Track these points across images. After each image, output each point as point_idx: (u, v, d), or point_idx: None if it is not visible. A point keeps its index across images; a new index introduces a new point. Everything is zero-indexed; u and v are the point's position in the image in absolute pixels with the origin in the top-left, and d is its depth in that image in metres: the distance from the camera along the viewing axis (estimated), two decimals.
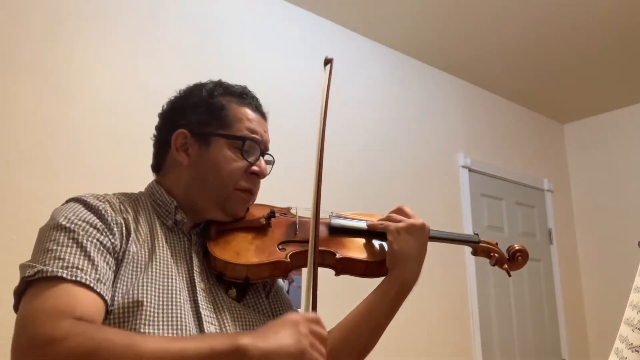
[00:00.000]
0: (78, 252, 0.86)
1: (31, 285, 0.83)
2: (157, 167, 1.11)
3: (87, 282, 0.84)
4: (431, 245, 1.14)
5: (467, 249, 3.96)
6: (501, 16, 3.10)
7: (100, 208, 0.94)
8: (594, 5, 3.02)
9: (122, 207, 0.98)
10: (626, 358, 0.71)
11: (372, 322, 1.07)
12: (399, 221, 1.11)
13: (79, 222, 0.90)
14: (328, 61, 1.14)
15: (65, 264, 0.84)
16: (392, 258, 1.08)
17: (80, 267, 0.85)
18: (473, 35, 3.28)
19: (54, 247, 0.86)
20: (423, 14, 3.07)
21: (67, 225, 0.89)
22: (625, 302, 0.77)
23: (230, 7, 2.72)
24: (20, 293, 0.85)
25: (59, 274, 0.83)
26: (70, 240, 0.87)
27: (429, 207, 3.29)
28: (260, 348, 0.78)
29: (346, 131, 3.04)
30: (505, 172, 3.90)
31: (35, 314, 0.80)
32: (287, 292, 2.16)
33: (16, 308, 0.85)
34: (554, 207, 4.19)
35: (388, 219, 1.14)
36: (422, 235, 1.11)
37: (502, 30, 3.24)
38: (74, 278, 0.83)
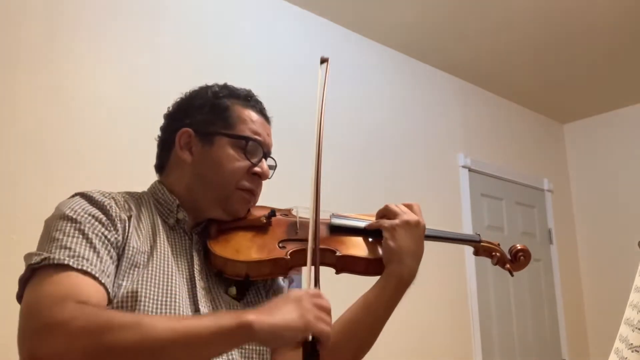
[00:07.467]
0: (84, 243, 0.88)
1: (37, 272, 0.84)
2: (160, 166, 1.12)
3: (93, 272, 0.86)
4: (431, 246, 1.15)
5: (468, 249, 3.94)
6: (501, 16, 3.10)
7: (105, 204, 0.95)
8: (594, 6, 3.02)
9: (126, 205, 1.00)
10: (626, 358, 0.71)
11: (369, 317, 1.07)
12: (394, 218, 1.11)
13: (85, 215, 0.92)
14: (324, 60, 1.16)
15: (71, 253, 0.86)
16: (387, 254, 1.09)
17: (86, 257, 0.86)
18: (473, 35, 3.28)
19: (60, 237, 0.88)
20: (423, 13, 3.07)
21: (73, 216, 0.91)
22: (625, 302, 0.78)
23: (230, 7, 2.72)
24: (25, 280, 0.86)
25: (66, 262, 0.84)
26: (77, 231, 0.89)
27: (429, 207, 3.26)
28: (266, 322, 0.81)
29: (345, 131, 3.04)
30: (505, 172, 3.90)
31: (41, 299, 0.81)
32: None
33: (20, 296, 0.86)
34: (554, 207, 4.19)
35: (384, 215, 1.14)
36: (417, 231, 1.11)
37: (502, 31, 3.24)
38: (80, 267, 0.85)
